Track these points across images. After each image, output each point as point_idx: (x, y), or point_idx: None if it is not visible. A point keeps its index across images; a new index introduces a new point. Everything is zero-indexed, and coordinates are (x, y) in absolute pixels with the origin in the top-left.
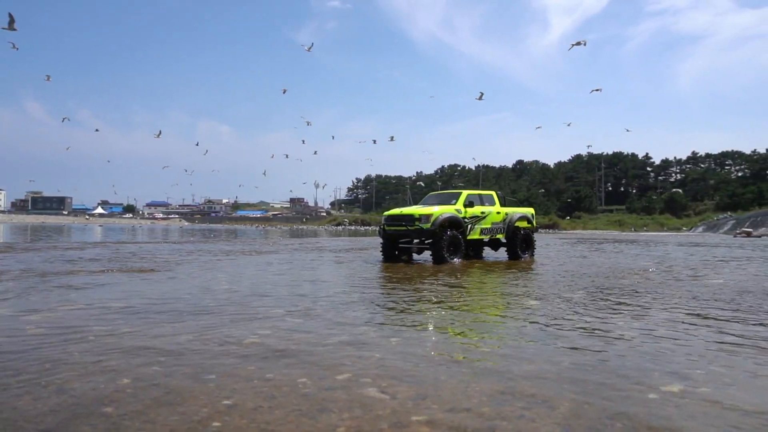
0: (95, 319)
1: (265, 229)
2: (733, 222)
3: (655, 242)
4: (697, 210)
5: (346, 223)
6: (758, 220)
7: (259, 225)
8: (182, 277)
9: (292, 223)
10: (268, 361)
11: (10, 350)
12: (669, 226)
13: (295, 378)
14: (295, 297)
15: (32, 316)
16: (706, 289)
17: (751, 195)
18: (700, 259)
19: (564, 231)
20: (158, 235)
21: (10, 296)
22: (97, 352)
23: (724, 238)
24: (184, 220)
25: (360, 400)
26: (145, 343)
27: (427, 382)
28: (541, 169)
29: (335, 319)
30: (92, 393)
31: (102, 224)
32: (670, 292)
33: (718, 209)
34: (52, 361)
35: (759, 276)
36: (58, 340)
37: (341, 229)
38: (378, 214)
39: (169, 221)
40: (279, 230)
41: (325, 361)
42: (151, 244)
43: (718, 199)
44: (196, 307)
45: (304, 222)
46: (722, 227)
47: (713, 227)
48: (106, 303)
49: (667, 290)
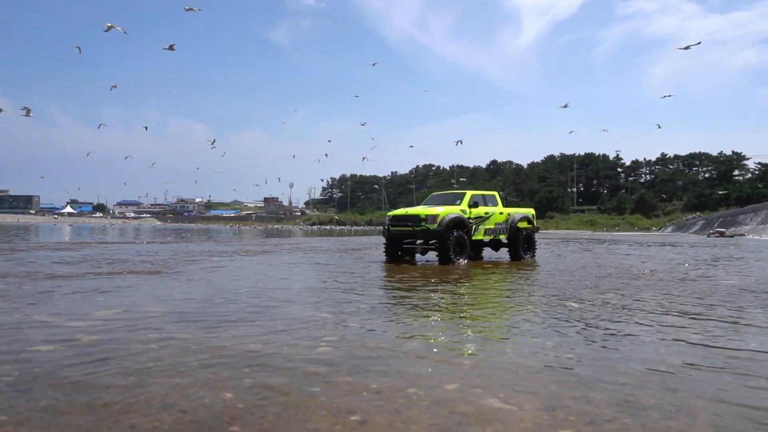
0: (143, 326)
1: (240, 228)
2: (702, 222)
3: (634, 242)
4: (665, 210)
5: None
6: (727, 220)
7: (234, 225)
8: (196, 278)
9: (266, 222)
10: (358, 369)
11: (79, 362)
12: (639, 226)
13: (403, 388)
14: (333, 302)
15: (75, 323)
16: (733, 290)
17: (718, 196)
18: (694, 259)
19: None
20: (136, 235)
21: (33, 300)
22: (173, 362)
23: (699, 238)
24: (156, 219)
25: (491, 412)
26: (217, 352)
27: (541, 392)
28: (514, 169)
29: (396, 325)
30: (204, 410)
31: (72, 224)
32: (700, 292)
33: (687, 209)
34: (133, 373)
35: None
36: (121, 349)
37: (316, 229)
38: (353, 214)
39: (140, 221)
40: (254, 230)
41: (414, 369)
42: (136, 244)
43: (686, 199)
44: (234, 310)
45: (278, 222)
46: (692, 227)
47: (683, 227)
48: (141, 308)
49: (694, 290)
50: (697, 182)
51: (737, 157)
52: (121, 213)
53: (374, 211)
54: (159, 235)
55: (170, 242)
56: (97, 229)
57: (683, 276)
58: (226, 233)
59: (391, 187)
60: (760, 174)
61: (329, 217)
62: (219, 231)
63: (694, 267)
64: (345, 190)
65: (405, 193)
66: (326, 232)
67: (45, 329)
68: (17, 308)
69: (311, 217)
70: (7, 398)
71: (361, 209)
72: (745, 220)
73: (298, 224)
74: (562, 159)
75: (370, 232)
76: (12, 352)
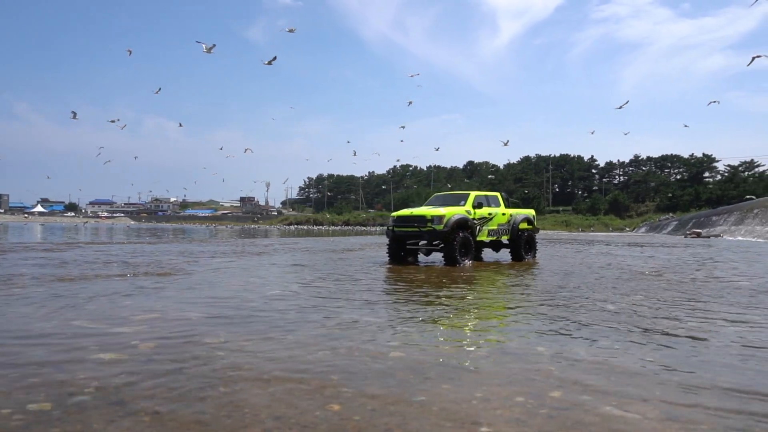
0: (191, 331)
1: (216, 228)
2: (675, 223)
3: (618, 243)
4: (638, 211)
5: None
6: (700, 221)
7: (210, 224)
8: (210, 280)
9: (242, 222)
10: (451, 375)
11: (154, 372)
12: (613, 226)
13: (510, 396)
14: (372, 304)
15: (120, 329)
16: (750, 292)
17: (689, 197)
18: (692, 260)
19: None
20: (119, 235)
21: (60, 305)
22: (252, 370)
23: (677, 238)
24: (130, 219)
25: (617, 421)
26: (291, 359)
27: (649, 398)
28: (491, 170)
29: (450, 327)
30: (324, 425)
31: (43, 223)
32: (719, 293)
33: (659, 210)
34: (219, 383)
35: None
36: (187, 357)
37: (293, 229)
38: (329, 214)
39: (114, 220)
40: (231, 230)
41: (505, 374)
42: (125, 244)
43: (658, 200)
44: (274, 312)
45: (255, 221)
46: (665, 228)
47: (656, 228)
48: (176, 312)
49: (713, 291)
50: (669, 184)
51: (707, 159)
52: (93, 212)
53: (351, 211)
54: (142, 236)
55: (159, 243)
56: (72, 228)
57: (692, 277)
58: (202, 233)
59: (368, 187)
60: (729, 176)
61: (306, 217)
62: (196, 231)
63: (696, 268)
64: (322, 190)
65: (382, 194)
66: (304, 232)
67: (93, 336)
68: (49, 313)
69: (288, 217)
70: (107, 412)
71: (338, 209)
72: (719, 221)
73: (275, 224)
74: (537, 160)
75: (348, 232)
76: (75, 361)
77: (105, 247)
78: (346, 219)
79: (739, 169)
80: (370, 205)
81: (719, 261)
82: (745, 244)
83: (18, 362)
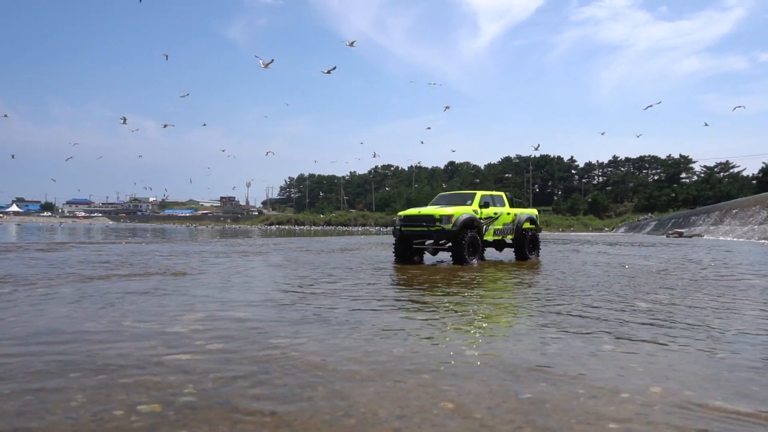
0: (250, 330)
1: (197, 228)
2: (655, 223)
3: (605, 242)
4: (617, 211)
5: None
6: (680, 222)
7: (190, 224)
8: (231, 280)
9: (223, 222)
10: (543, 377)
11: (241, 372)
12: (593, 226)
13: (615, 391)
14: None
15: (176, 329)
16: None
17: (666, 197)
18: (688, 259)
19: None
20: (106, 236)
21: (97, 305)
22: (340, 370)
23: (659, 238)
24: (109, 218)
25: (740, 417)
26: (370, 357)
27: (748, 393)
28: (472, 170)
29: (505, 327)
30: (452, 423)
31: (19, 223)
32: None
33: (637, 210)
34: (317, 383)
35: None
36: (264, 357)
37: (275, 229)
38: (312, 214)
39: (92, 220)
40: (212, 230)
41: (601, 372)
42: (117, 244)
43: (636, 200)
44: (323, 311)
45: (236, 221)
46: (645, 228)
47: (635, 227)
48: (220, 312)
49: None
50: (647, 184)
51: (684, 161)
52: (70, 212)
53: (333, 211)
54: (130, 236)
55: (154, 243)
56: (50, 228)
57: (701, 276)
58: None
59: (349, 187)
60: (705, 177)
61: (287, 217)
62: (177, 231)
63: (702, 267)
64: (303, 189)
65: (364, 194)
66: (286, 232)
67: (153, 337)
68: (93, 314)
69: (269, 217)
70: (221, 413)
71: (320, 209)
72: (698, 221)
73: (255, 224)
74: (518, 160)
75: (331, 232)
76: (153, 362)
77: (100, 247)
78: (327, 219)
79: (714, 170)
80: (352, 205)
81: (717, 259)
82: (729, 244)
83: (96, 363)
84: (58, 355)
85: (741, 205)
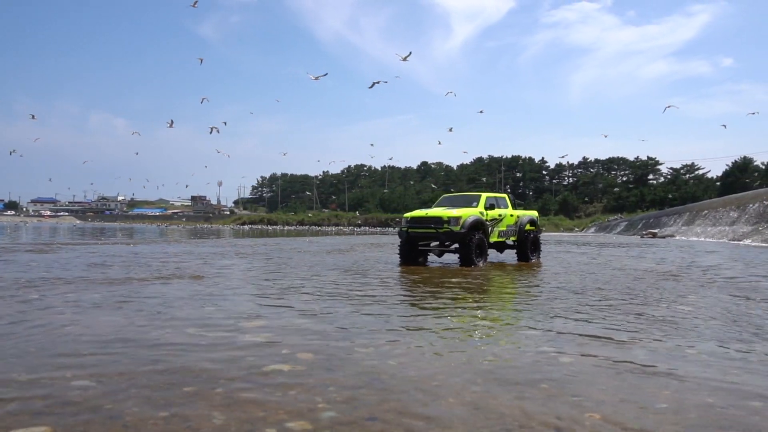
0: (328, 338)
1: (168, 228)
2: (625, 223)
3: (586, 243)
4: (587, 212)
5: None
6: (650, 222)
7: (161, 224)
8: (258, 284)
9: (194, 221)
10: (639, 382)
11: (360, 385)
12: (564, 226)
13: (694, 390)
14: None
15: (248, 336)
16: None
17: (635, 198)
18: (679, 260)
19: None
20: (84, 236)
21: (144, 311)
22: (451, 377)
23: (635, 238)
24: (76, 218)
25: None
26: (468, 366)
27: None
28: (444, 170)
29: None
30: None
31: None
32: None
33: (606, 211)
34: (445, 393)
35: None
36: (372, 371)
37: (248, 229)
38: (284, 214)
39: (58, 219)
40: (183, 230)
41: (695, 366)
42: (110, 245)
43: (606, 201)
44: (387, 317)
45: (207, 221)
46: (615, 228)
47: (606, 228)
48: (284, 319)
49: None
50: (615, 185)
51: (652, 162)
52: (36, 211)
53: (305, 210)
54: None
55: (151, 243)
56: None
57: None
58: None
59: (322, 186)
60: (671, 178)
61: (260, 217)
62: (150, 231)
63: (701, 269)
64: (275, 189)
65: (336, 193)
66: (259, 232)
67: (236, 347)
68: (149, 322)
69: (242, 217)
70: (374, 427)
71: (292, 208)
72: (668, 222)
73: (228, 224)
74: (490, 161)
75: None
76: (256, 373)
77: (88, 248)
78: (300, 219)
79: (680, 171)
80: (325, 204)
81: (705, 260)
82: (704, 244)
83: (201, 376)
84: (153, 364)
85: (711, 206)
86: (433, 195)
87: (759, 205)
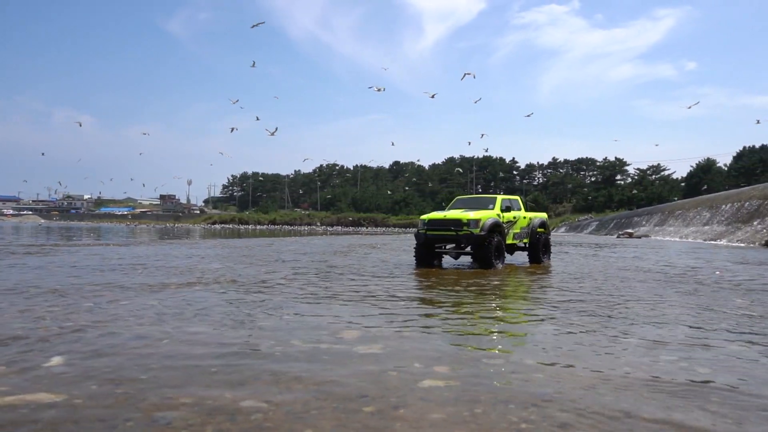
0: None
1: (137, 227)
2: (596, 223)
3: (570, 243)
4: (557, 211)
5: None
6: (622, 222)
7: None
8: (312, 290)
9: (163, 221)
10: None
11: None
12: None
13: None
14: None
15: (361, 348)
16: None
17: (603, 198)
18: (677, 261)
19: None
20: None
21: (218, 320)
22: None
23: (612, 238)
24: (40, 217)
25: None
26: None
27: None
28: (416, 170)
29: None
30: None
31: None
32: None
33: (576, 211)
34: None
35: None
36: (506, 384)
37: (219, 228)
38: (256, 213)
39: (22, 218)
40: (153, 229)
41: None
42: (104, 246)
43: (575, 201)
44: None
45: (177, 220)
46: (586, 228)
47: (576, 227)
48: (370, 327)
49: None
50: (584, 185)
51: (619, 163)
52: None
53: (277, 209)
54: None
55: (149, 244)
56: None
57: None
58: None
59: (294, 186)
60: (638, 179)
61: (231, 216)
62: (117, 230)
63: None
64: (246, 188)
65: (309, 192)
66: (229, 231)
67: (358, 362)
68: (234, 332)
69: (212, 216)
70: None
71: (264, 208)
72: (640, 222)
73: (198, 223)
74: (461, 161)
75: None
76: (406, 389)
77: (87, 249)
78: (272, 218)
79: (647, 172)
80: (296, 203)
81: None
82: (682, 244)
83: (367, 393)
84: (302, 381)
85: (683, 207)
86: (405, 194)
87: (731, 206)
